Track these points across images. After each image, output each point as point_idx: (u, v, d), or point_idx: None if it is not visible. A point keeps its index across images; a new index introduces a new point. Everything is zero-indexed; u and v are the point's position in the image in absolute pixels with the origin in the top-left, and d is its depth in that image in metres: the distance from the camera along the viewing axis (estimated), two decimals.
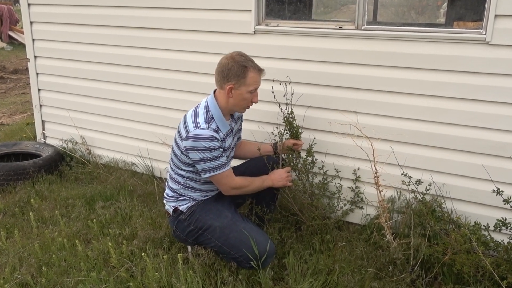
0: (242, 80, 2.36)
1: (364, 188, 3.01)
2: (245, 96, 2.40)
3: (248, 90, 2.38)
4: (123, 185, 3.65)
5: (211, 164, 2.36)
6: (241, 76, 2.35)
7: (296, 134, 2.77)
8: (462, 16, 3.14)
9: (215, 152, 2.34)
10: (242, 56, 2.40)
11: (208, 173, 2.39)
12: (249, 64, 2.37)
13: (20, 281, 2.53)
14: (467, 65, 2.57)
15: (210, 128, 2.36)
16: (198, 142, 2.32)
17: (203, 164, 2.36)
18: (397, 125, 2.83)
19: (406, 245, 2.56)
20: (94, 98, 4.08)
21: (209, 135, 2.32)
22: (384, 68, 2.79)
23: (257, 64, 2.43)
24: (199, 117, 2.39)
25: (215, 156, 2.34)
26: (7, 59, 11.43)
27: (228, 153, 2.53)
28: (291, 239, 2.76)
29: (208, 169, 2.38)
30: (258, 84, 2.42)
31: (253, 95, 2.43)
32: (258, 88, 2.44)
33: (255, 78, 2.38)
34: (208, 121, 2.39)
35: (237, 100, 2.41)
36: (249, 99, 2.43)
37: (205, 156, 2.34)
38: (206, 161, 2.35)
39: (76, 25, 3.99)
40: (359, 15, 2.79)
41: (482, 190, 2.67)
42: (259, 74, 2.41)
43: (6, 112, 6.76)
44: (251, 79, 2.37)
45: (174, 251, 2.71)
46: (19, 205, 3.44)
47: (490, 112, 2.57)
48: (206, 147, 2.31)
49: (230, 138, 2.53)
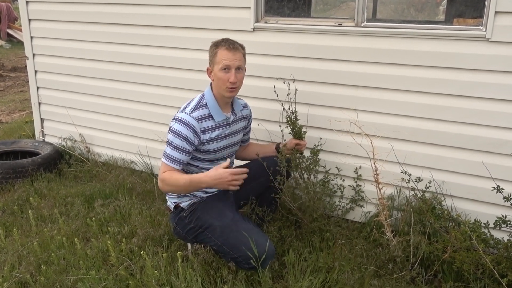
0: (214, 59, 2.40)
1: (363, 186, 3.00)
2: (219, 76, 2.38)
3: (219, 68, 2.37)
4: (122, 183, 3.64)
5: (167, 149, 2.38)
6: (213, 55, 2.40)
7: (300, 134, 2.74)
8: (462, 13, 3.12)
9: (177, 140, 2.34)
10: (222, 39, 2.42)
11: (162, 156, 2.40)
12: (221, 43, 2.39)
13: (19, 279, 2.52)
14: (467, 62, 2.56)
15: (192, 115, 2.38)
16: (175, 123, 2.38)
17: (166, 146, 2.39)
18: (396, 123, 2.82)
19: (406, 243, 2.56)
20: (93, 96, 4.07)
21: (185, 120, 2.36)
22: (383, 66, 2.78)
23: (235, 43, 2.40)
24: (191, 103, 2.46)
25: (175, 144, 2.35)
26: (5, 57, 11.41)
27: (214, 147, 2.49)
28: (290, 237, 2.76)
29: (164, 153, 2.39)
30: (228, 61, 2.36)
31: (228, 74, 2.37)
32: (232, 66, 2.37)
33: (224, 54, 2.36)
34: (197, 108, 2.42)
35: (216, 81, 2.42)
36: (225, 79, 2.37)
37: (170, 138, 2.36)
38: (168, 144, 2.37)
39: (74, 23, 3.97)
40: (358, 12, 2.78)
41: (482, 187, 2.67)
42: (229, 51, 2.36)
43: (5, 110, 6.75)
44: (220, 56, 2.36)
45: (173, 249, 2.71)
46: (18, 203, 3.43)
47: (490, 109, 2.56)
48: (178, 131, 2.35)
49: (220, 131, 2.48)
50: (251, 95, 3.13)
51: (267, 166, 2.58)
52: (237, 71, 2.39)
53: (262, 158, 2.63)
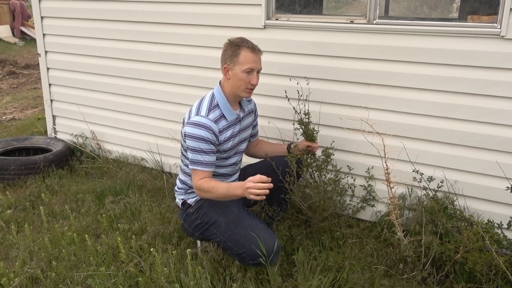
0: (235, 59, 2.36)
1: (375, 185, 2.98)
2: (240, 76, 2.37)
3: (242, 69, 2.35)
4: (133, 180, 3.65)
5: (195, 156, 2.36)
6: (234, 55, 2.36)
7: (312, 136, 2.71)
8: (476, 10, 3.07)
9: (203, 145, 2.34)
10: (240, 38, 2.40)
11: (191, 164, 2.39)
12: (243, 44, 2.36)
13: (30, 275, 2.54)
14: (481, 59, 2.52)
15: (209, 117, 2.37)
16: (194, 129, 2.34)
17: (191, 153, 2.37)
18: (408, 121, 2.79)
19: (417, 243, 2.53)
20: (105, 93, 4.09)
21: (205, 124, 2.34)
22: (396, 63, 2.75)
23: (255, 45, 2.39)
24: (203, 104, 2.43)
25: (202, 149, 2.34)
26: (19, 54, 11.54)
27: (229, 146, 2.49)
28: (300, 236, 2.75)
29: (192, 160, 2.38)
30: (253, 63, 2.36)
31: (251, 76, 2.37)
32: (255, 69, 2.38)
33: (248, 56, 2.35)
34: (210, 109, 2.40)
35: (235, 81, 2.40)
36: (246, 80, 2.37)
37: (195, 145, 2.35)
38: (194, 151, 2.36)
39: (86, 20, 3.99)
40: (370, 9, 2.75)
41: (495, 187, 2.63)
42: (254, 53, 2.36)
43: (18, 107, 6.82)
44: (243, 57, 2.34)
45: (183, 247, 2.71)
46: (30, 199, 3.46)
47: (504, 108, 2.52)
48: (200, 136, 2.33)
49: (232, 129, 2.49)
50: (261, 93, 3.11)
51: (277, 166, 2.57)
52: (258, 73, 2.42)
53: (272, 158, 2.62)
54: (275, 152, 2.74)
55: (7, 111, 6.58)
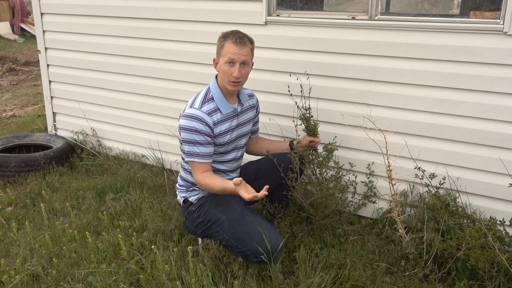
0: (220, 51, 2.38)
1: (376, 182, 2.97)
2: (223, 68, 2.36)
3: (224, 61, 2.34)
4: (133, 177, 3.64)
5: (191, 148, 2.36)
6: (220, 47, 2.38)
7: (314, 131, 2.71)
8: (479, 5, 3.06)
9: (197, 136, 2.33)
10: (231, 31, 2.39)
11: (187, 156, 2.39)
12: (228, 36, 2.35)
13: (31, 272, 2.54)
14: (483, 56, 2.51)
15: (202, 110, 2.37)
16: (187, 121, 2.34)
17: (187, 145, 2.37)
18: (410, 118, 2.77)
19: (419, 240, 2.52)
20: (105, 90, 4.08)
21: (197, 115, 2.34)
22: (397, 59, 2.73)
23: (243, 37, 2.35)
24: (198, 97, 2.44)
25: (196, 141, 2.34)
26: (19, 51, 11.52)
27: (227, 140, 2.48)
28: (302, 233, 2.74)
29: (188, 152, 2.37)
30: (233, 55, 2.32)
31: (232, 69, 2.34)
32: (237, 61, 2.33)
33: (230, 48, 2.32)
34: (204, 102, 2.40)
35: (220, 73, 2.40)
36: (229, 72, 2.34)
37: (189, 137, 2.34)
38: (189, 143, 2.35)
39: (86, 17, 3.98)
40: (372, 5, 2.73)
41: (498, 184, 2.62)
42: (236, 45, 2.32)
43: (18, 104, 6.81)
44: (225, 49, 2.33)
45: (184, 244, 2.70)
46: (30, 196, 3.46)
47: (507, 104, 2.51)
48: (193, 127, 2.32)
49: (229, 123, 2.47)
50: (263, 90, 3.10)
51: (278, 163, 2.56)
52: (241, 66, 2.35)
53: (273, 155, 2.61)
54: (276, 149, 2.73)
55: (7, 108, 6.57)
